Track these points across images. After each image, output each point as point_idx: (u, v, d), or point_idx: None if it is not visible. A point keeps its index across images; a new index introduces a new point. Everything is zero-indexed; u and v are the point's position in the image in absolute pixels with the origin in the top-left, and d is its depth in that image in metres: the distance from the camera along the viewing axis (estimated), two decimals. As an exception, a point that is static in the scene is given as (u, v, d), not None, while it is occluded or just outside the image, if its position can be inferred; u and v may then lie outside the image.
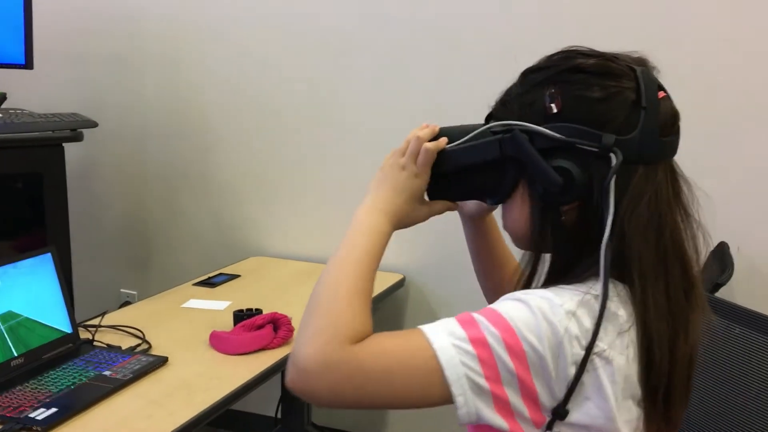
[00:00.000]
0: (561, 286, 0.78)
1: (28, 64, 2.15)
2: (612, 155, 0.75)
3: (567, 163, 0.76)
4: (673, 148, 0.81)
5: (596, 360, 0.72)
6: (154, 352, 1.67)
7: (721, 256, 1.88)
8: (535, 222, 0.81)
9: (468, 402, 0.72)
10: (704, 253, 0.82)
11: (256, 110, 2.55)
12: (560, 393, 0.72)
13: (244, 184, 2.63)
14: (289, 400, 2.51)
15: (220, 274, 2.35)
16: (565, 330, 0.71)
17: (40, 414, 1.34)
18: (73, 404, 1.40)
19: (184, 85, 2.64)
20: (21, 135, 2.01)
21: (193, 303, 2.06)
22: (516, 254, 0.98)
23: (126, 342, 1.72)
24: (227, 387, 1.50)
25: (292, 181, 2.56)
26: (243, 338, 1.70)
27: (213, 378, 1.54)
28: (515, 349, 0.71)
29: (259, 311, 1.83)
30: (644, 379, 0.76)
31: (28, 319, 1.59)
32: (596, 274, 0.76)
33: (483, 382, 0.71)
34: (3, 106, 2.30)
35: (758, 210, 2.04)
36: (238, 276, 2.33)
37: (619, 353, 0.74)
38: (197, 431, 1.39)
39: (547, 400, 0.72)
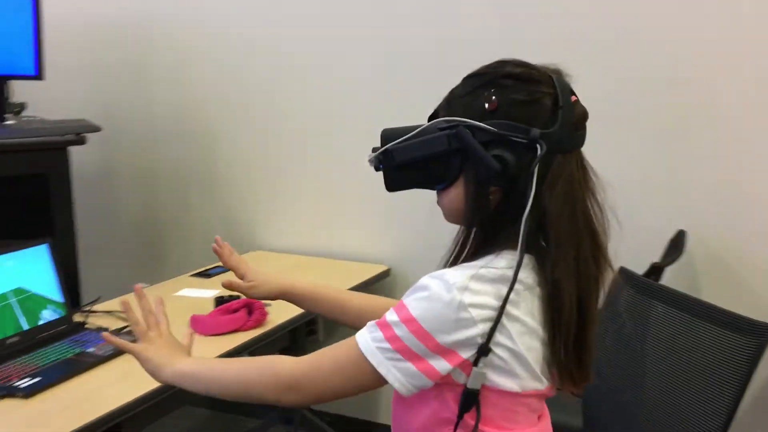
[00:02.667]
0: (465, 264, 0.96)
1: (39, 75, 2.35)
2: (537, 146, 0.91)
3: (502, 152, 0.91)
4: (583, 140, 0.97)
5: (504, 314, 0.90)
6: (139, 333, 1.83)
7: (676, 242, 1.95)
8: (470, 202, 0.96)
9: (407, 384, 0.92)
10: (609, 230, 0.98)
11: (259, 111, 2.72)
12: (481, 340, 0.89)
13: (248, 183, 2.80)
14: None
15: (218, 266, 2.51)
16: (459, 303, 0.89)
17: (24, 383, 1.52)
18: (54, 375, 1.57)
19: (189, 88, 2.82)
20: (30, 139, 2.22)
21: (186, 292, 2.23)
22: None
23: (116, 325, 1.89)
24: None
25: (292, 180, 2.71)
26: (218, 320, 1.85)
27: (184, 355, 1.70)
28: (422, 333, 0.90)
29: (238, 297, 1.98)
30: (551, 328, 0.93)
31: (33, 302, 1.78)
32: (511, 247, 0.92)
33: (411, 366, 0.91)
34: (22, 114, 2.52)
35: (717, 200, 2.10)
36: (234, 268, 2.49)
37: (524, 308, 0.92)
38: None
39: (468, 352, 0.90)
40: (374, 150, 1.00)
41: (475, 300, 0.89)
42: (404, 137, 0.97)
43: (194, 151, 2.87)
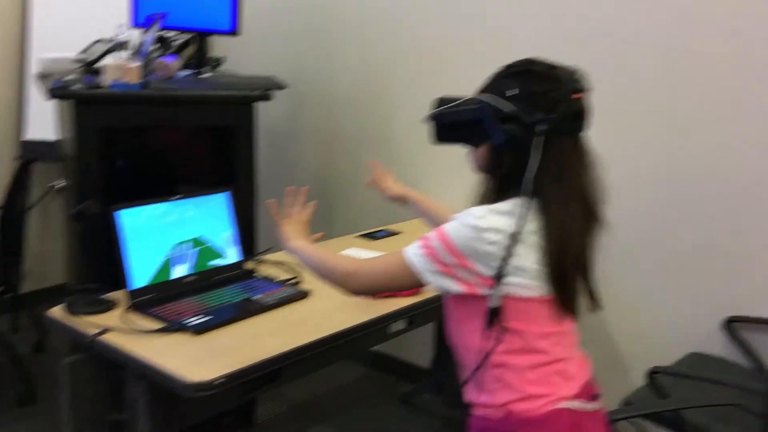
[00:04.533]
0: (485, 206, 1.25)
1: (236, 32, 2.47)
2: (539, 126, 1.19)
3: (514, 127, 1.21)
4: (580, 128, 1.24)
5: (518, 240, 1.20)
6: (303, 286, 1.89)
7: None
8: (490, 160, 1.28)
9: (435, 281, 1.24)
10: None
11: (435, 84, 2.68)
12: (494, 263, 1.19)
13: (419, 151, 2.79)
14: (441, 354, 2.65)
15: (383, 230, 2.54)
16: (477, 227, 1.20)
17: (195, 320, 1.63)
18: (222, 317, 1.66)
19: (372, 53, 2.85)
20: (220, 92, 2.35)
21: (351, 251, 2.27)
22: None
23: (282, 275, 1.97)
24: (350, 321, 1.68)
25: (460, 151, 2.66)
26: (377, 283, 1.86)
27: (341, 312, 1.73)
28: (450, 246, 1.22)
29: (399, 262, 1.98)
30: (545, 257, 1.21)
31: (210, 246, 1.90)
32: (516, 196, 1.22)
33: (437, 268, 1.23)
34: (220, 69, 2.68)
35: None
36: (399, 233, 2.50)
37: (529, 231, 1.20)
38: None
39: (485, 269, 1.20)
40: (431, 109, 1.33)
41: (490, 224, 1.20)
42: (450, 104, 1.30)
43: (372, 116, 2.91)
